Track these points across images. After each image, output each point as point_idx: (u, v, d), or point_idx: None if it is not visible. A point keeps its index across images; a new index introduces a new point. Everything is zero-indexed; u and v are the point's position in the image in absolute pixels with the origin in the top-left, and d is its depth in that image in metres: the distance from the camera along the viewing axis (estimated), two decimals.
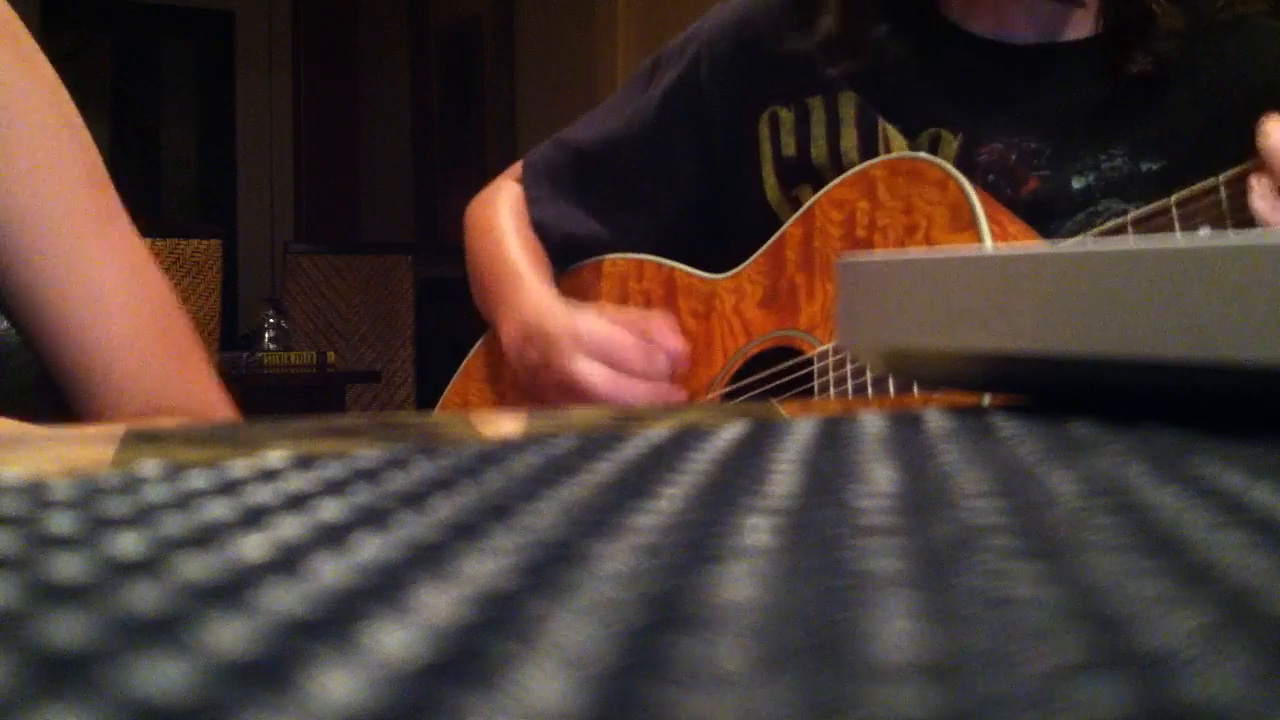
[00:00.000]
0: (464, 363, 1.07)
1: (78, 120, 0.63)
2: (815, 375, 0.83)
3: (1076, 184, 0.85)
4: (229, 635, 0.10)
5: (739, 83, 0.96)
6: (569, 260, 1.04)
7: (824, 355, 0.83)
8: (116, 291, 0.60)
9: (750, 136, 0.95)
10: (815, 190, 0.90)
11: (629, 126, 1.02)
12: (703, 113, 0.98)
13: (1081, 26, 0.88)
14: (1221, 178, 0.70)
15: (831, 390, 0.81)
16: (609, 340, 0.87)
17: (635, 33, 3.54)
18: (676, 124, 0.99)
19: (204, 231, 3.51)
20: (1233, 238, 0.27)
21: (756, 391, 0.89)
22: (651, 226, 1.01)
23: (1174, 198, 0.72)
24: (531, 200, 1.05)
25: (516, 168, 1.09)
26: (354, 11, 5.09)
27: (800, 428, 0.28)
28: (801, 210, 0.90)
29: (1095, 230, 0.77)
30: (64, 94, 0.62)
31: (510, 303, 0.97)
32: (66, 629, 0.11)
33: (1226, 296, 0.27)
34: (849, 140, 0.90)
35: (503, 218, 1.04)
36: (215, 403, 0.63)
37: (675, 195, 1.01)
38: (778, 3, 0.95)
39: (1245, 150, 0.70)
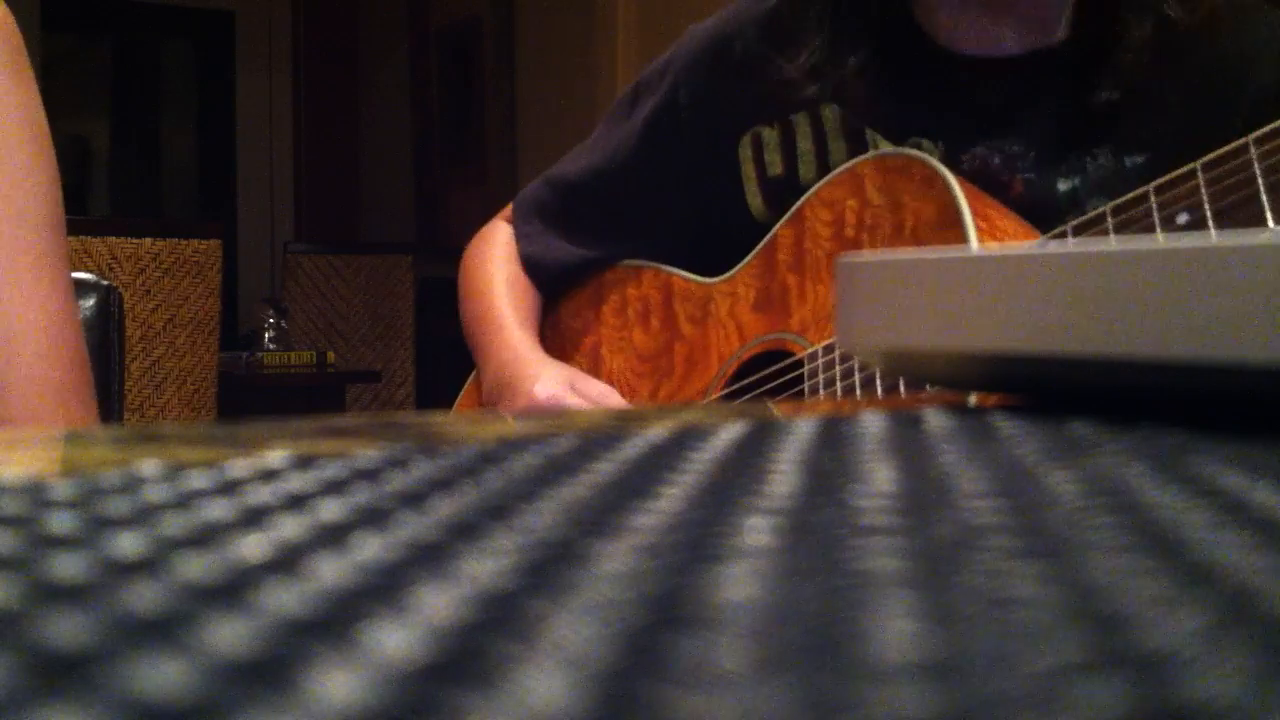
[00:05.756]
0: (467, 383, 1.08)
1: (49, 157, 0.63)
2: (806, 377, 0.83)
3: (1062, 186, 0.85)
4: (229, 635, 0.10)
5: (719, 106, 0.96)
6: (563, 281, 1.05)
7: (814, 357, 0.83)
8: (29, 337, 0.60)
9: (732, 160, 0.95)
10: None
11: (614, 158, 1.03)
12: (684, 139, 0.98)
13: (1055, 34, 0.87)
14: (1199, 163, 0.70)
15: (822, 392, 0.81)
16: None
17: (635, 33, 3.54)
18: (659, 152, 1.00)
19: (204, 231, 3.50)
20: (1232, 238, 0.27)
21: (751, 395, 0.89)
22: (638, 251, 1.02)
23: (1152, 185, 0.71)
24: (521, 236, 1.07)
25: (508, 210, 1.11)
26: (354, 11, 5.08)
27: (800, 428, 0.28)
28: (792, 211, 0.90)
29: (1073, 222, 0.76)
30: (44, 126, 0.63)
31: (489, 350, 1.00)
32: (66, 629, 0.11)
33: (1226, 296, 0.27)
34: (838, 152, 0.90)
35: (492, 262, 1.06)
36: None
37: (663, 222, 1.02)
38: (752, 23, 0.95)
39: (1233, 133, 0.70)
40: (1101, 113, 0.85)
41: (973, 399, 0.38)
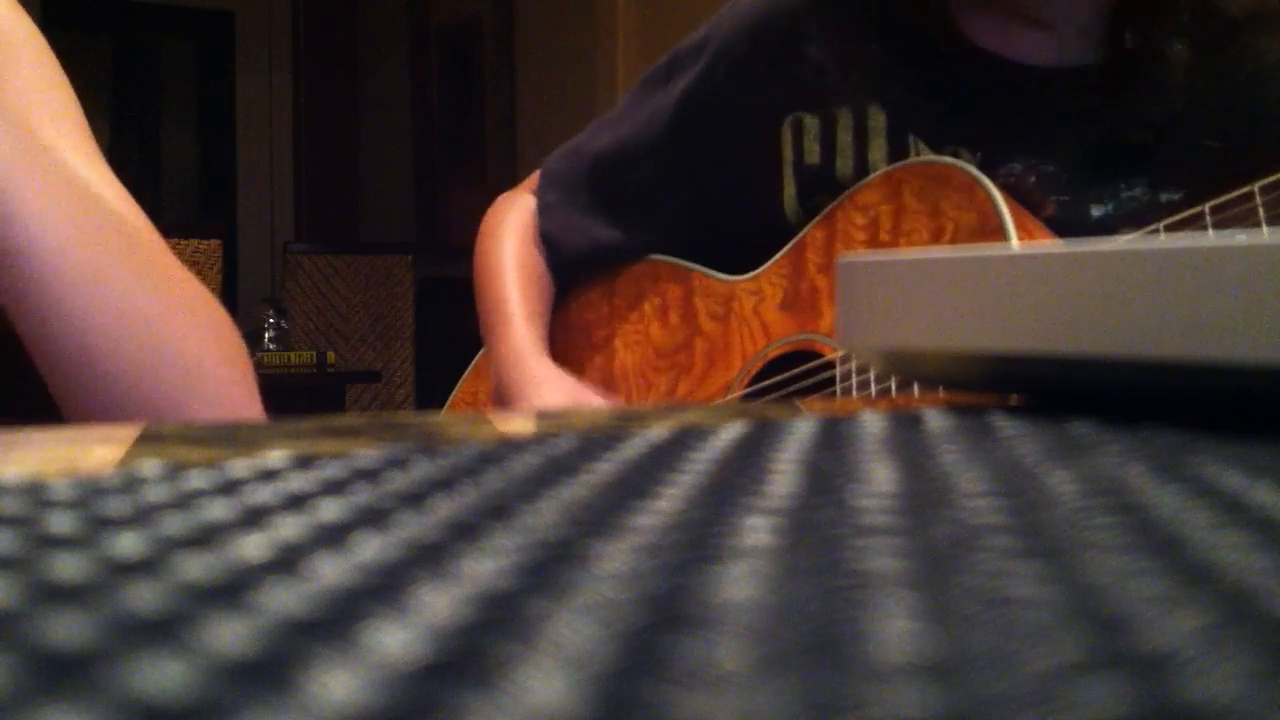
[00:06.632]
0: (474, 362, 1.07)
1: (58, 69, 0.64)
2: (837, 379, 0.83)
3: (1095, 212, 0.84)
4: (229, 635, 0.10)
5: (759, 87, 0.93)
6: (580, 268, 1.03)
7: (846, 358, 0.83)
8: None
9: (772, 143, 0.93)
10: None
11: (645, 130, 1.00)
12: (721, 117, 0.96)
13: (1096, 53, 0.86)
14: (1257, 185, 0.69)
15: (854, 394, 0.81)
16: None
17: (635, 33, 3.54)
18: (694, 127, 0.97)
19: (204, 231, 3.51)
20: (1233, 238, 0.27)
21: (777, 394, 0.89)
22: (664, 230, 1.00)
23: (1208, 205, 0.71)
24: (542, 209, 1.05)
25: (534, 178, 1.09)
26: (354, 11, 5.08)
27: (800, 428, 0.28)
28: (824, 213, 0.89)
29: (1125, 236, 0.76)
30: (45, 43, 0.64)
31: (493, 341, 0.99)
32: (66, 629, 0.11)
33: (1226, 296, 0.27)
34: (877, 152, 0.88)
35: (507, 241, 1.04)
36: (200, 287, 0.61)
37: (689, 199, 0.99)
38: (800, 6, 0.92)
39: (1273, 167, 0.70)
40: (1138, 147, 0.84)
41: (1013, 400, 0.38)
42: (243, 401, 0.57)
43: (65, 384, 0.53)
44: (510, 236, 1.04)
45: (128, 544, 0.14)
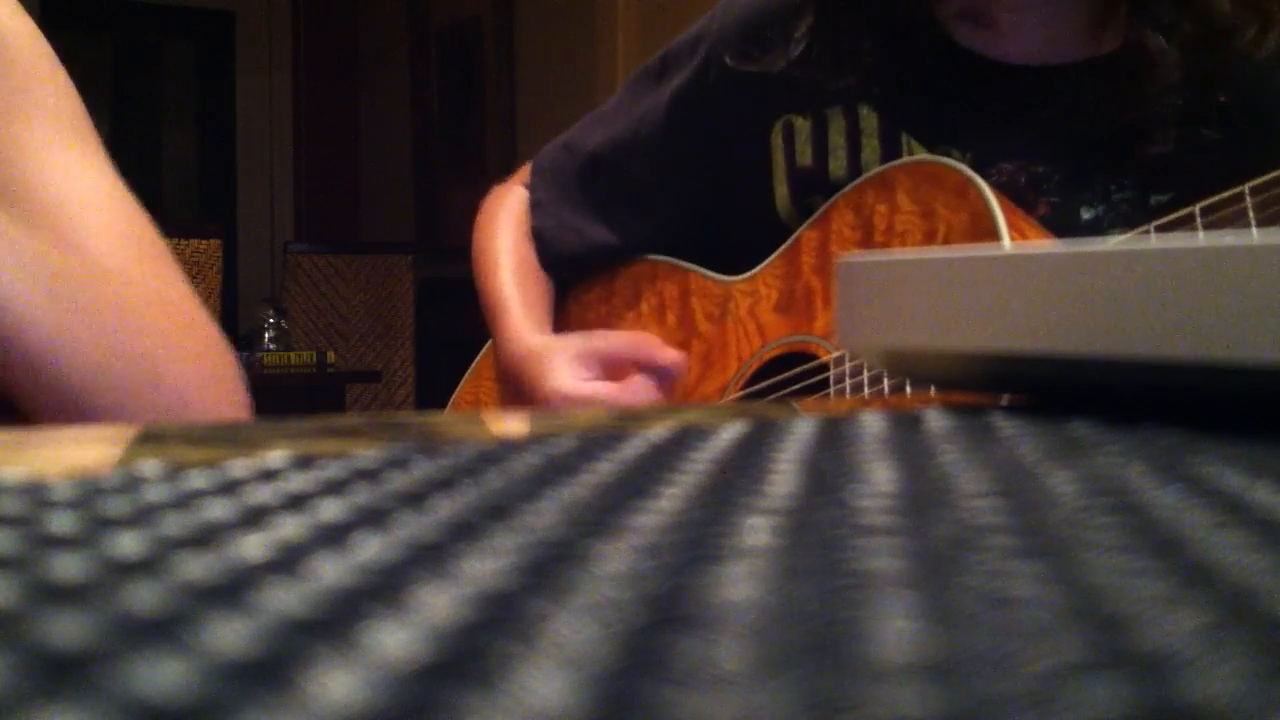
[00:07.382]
0: (475, 361, 1.07)
1: (59, 68, 0.64)
2: (832, 381, 0.83)
3: (1086, 214, 0.84)
4: (229, 635, 0.10)
5: (751, 87, 0.93)
6: (571, 266, 1.04)
7: (841, 360, 0.83)
8: (89, 204, 0.61)
9: (763, 145, 0.93)
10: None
11: (638, 129, 1.00)
12: (713, 117, 0.96)
13: (1089, 49, 0.86)
14: (1247, 186, 0.69)
15: (849, 396, 0.81)
16: (587, 399, 0.89)
17: (635, 33, 3.54)
18: (686, 128, 0.97)
19: (204, 231, 3.51)
20: (1233, 238, 0.27)
21: (773, 396, 0.89)
22: (656, 230, 1.00)
23: (1198, 206, 0.71)
24: (534, 205, 1.05)
25: (525, 171, 1.09)
26: (354, 11, 5.09)
27: (800, 428, 0.28)
28: (818, 214, 0.89)
29: (1122, 236, 0.76)
30: (45, 43, 0.64)
31: (495, 336, 1.00)
32: (66, 629, 0.11)
33: (1226, 296, 0.27)
34: (870, 152, 0.88)
35: (502, 235, 1.04)
36: (187, 305, 0.62)
37: (682, 200, 0.99)
38: (790, 8, 0.92)
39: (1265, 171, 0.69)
40: (1128, 148, 0.84)
41: (1005, 400, 0.38)
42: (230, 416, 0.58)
43: (43, 417, 0.54)
44: (505, 231, 1.04)
45: (128, 544, 0.14)
